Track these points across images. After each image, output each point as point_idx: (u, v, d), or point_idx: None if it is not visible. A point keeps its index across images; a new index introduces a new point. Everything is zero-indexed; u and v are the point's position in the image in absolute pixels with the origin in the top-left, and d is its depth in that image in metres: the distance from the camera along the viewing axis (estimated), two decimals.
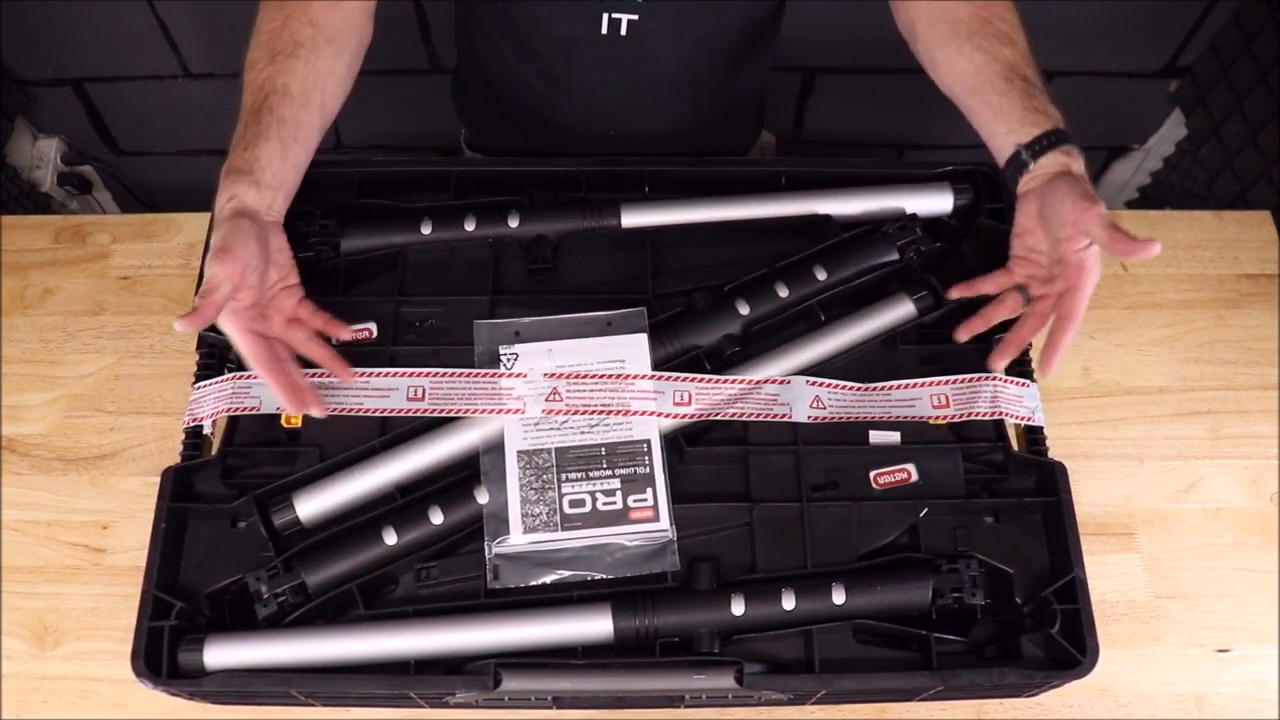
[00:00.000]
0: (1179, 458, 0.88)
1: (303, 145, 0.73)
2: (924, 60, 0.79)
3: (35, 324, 0.92)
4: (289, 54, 0.73)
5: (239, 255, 0.67)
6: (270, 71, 0.72)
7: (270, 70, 0.72)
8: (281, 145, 0.71)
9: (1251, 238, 0.98)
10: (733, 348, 0.77)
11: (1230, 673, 0.80)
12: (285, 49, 0.73)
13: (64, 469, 0.86)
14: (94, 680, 0.78)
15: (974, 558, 0.70)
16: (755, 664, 0.67)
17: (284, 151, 0.72)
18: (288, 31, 0.73)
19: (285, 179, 0.72)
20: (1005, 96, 0.72)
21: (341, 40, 0.76)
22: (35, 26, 1.24)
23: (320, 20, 0.74)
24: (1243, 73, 1.19)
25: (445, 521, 0.70)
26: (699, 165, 0.86)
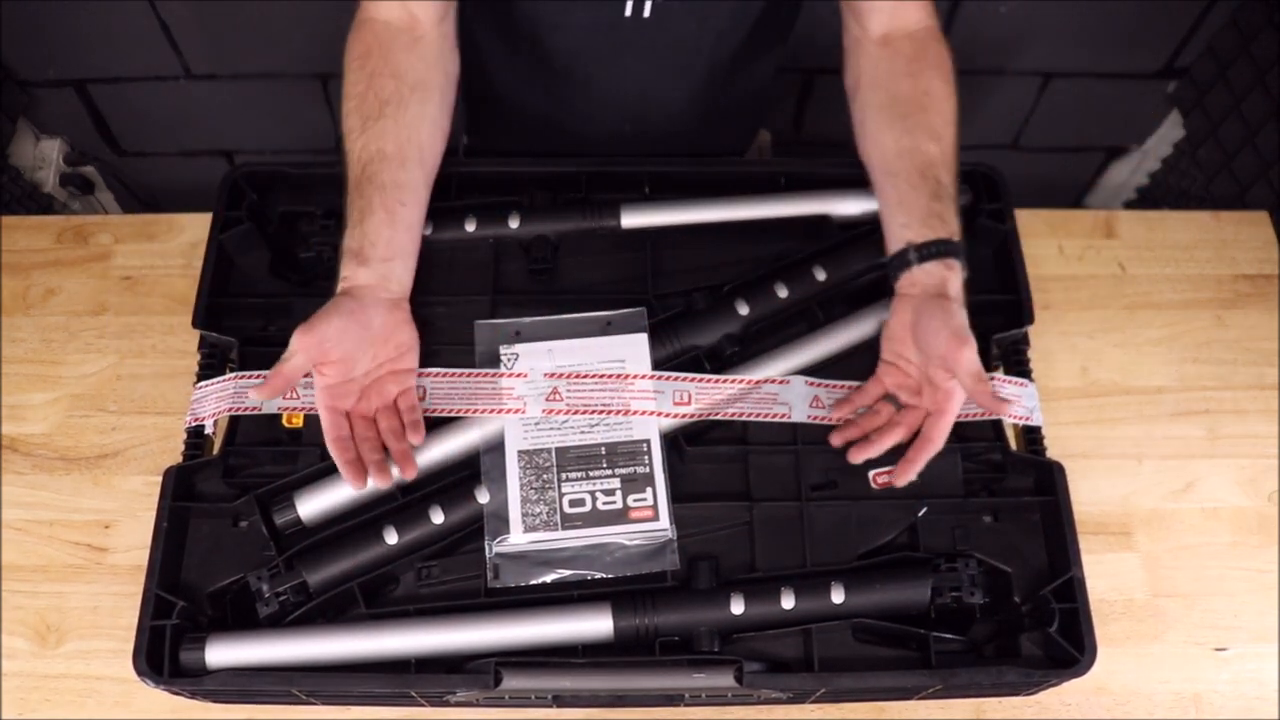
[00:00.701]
0: (1177, 457, 0.88)
1: (412, 206, 0.74)
2: (855, 120, 0.80)
3: (37, 324, 0.93)
4: (377, 116, 0.73)
5: (319, 331, 0.68)
6: (364, 140, 0.73)
7: (364, 139, 0.73)
8: (388, 214, 0.72)
9: (1249, 238, 0.98)
10: (732, 348, 0.77)
11: (1228, 671, 0.80)
12: (373, 112, 0.73)
13: (66, 468, 0.86)
14: (96, 679, 0.78)
15: (973, 557, 0.71)
16: (755, 663, 0.67)
17: (391, 220, 0.72)
18: (372, 93, 0.74)
19: (400, 247, 0.73)
20: (915, 190, 0.73)
21: (427, 83, 0.76)
22: (37, 27, 1.24)
23: (402, 70, 0.75)
24: (1241, 74, 1.19)
25: (446, 521, 0.71)
26: (699, 165, 0.86)
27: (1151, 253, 0.97)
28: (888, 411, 0.74)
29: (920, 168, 0.74)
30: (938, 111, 0.75)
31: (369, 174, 0.72)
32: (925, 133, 0.74)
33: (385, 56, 0.75)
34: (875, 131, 0.77)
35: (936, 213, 0.72)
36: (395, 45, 0.75)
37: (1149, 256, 0.97)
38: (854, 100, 0.80)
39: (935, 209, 0.72)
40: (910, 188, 0.74)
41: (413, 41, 0.76)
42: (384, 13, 0.75)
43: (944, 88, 0.76)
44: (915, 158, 0.74)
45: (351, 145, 0.73)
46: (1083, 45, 1.28)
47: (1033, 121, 1.40)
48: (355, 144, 0.73)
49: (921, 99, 0.75)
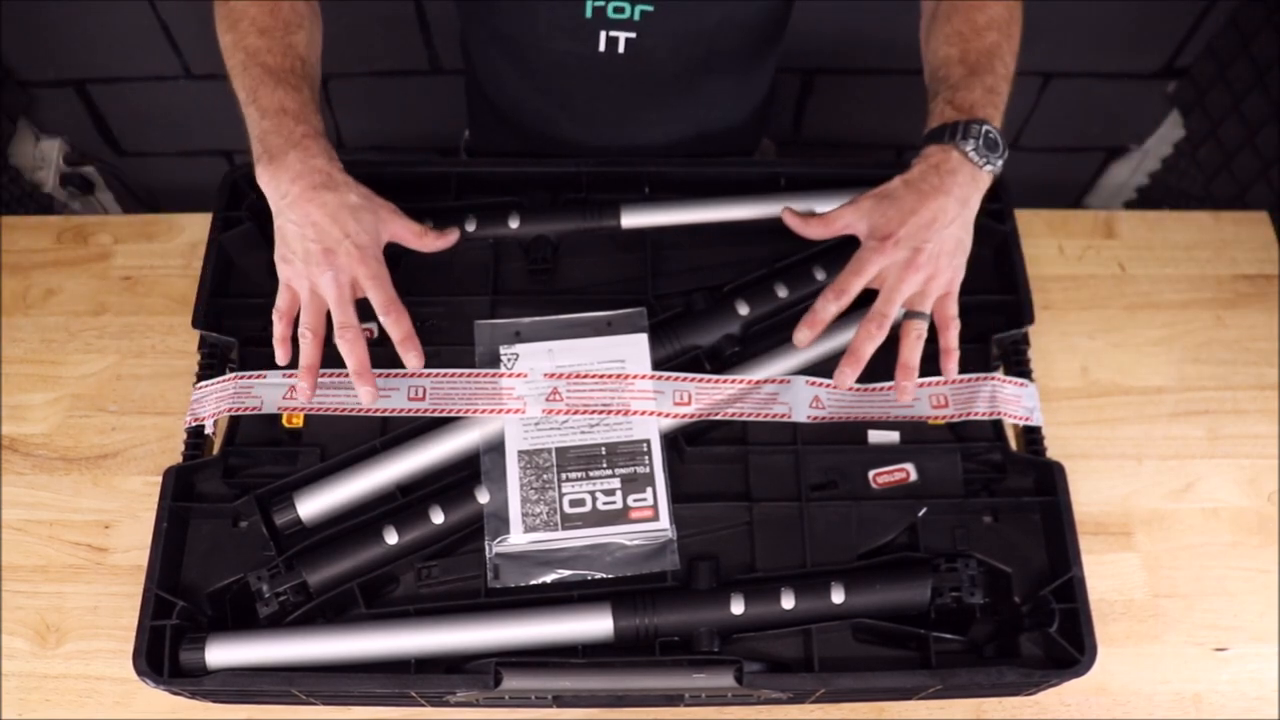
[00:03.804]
0: (1177, 457, 0.88)
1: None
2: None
3: (37, 324, 0.93)
4: (297, 26, 0.73)
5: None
6: (289, 41, 0.72)
7: (288, 40, 0.72)
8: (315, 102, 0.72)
9: (1249, 238, 0.98)
10: (732, 348, 0.77)
11: (1228, 672, 0.80)
12: (293, 21, 0.73)
13: (66, 468, 0.86)
14: (96, 679, 0.78)
15: (973, 557, 0.71)
16: (755, 663, 0.67)
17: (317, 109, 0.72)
18: (286, 5, 0.74)
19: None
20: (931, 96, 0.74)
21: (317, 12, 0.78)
22: (37, 28, 1.24)
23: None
24: (1240, 74, 1.19)
25: (446, 521, 0.71)
26: (699, 166, 0.86)
27: (1151, 253, 0.97)
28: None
29: (931, 75, 0.74)
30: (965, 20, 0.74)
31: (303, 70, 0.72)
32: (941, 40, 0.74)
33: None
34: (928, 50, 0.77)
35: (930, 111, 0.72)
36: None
37: (1149, 256, 0.97)
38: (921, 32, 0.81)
39: (930, 108, 0.72)
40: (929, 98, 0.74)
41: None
42: None
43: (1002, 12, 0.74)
44: (931, 67, 0.75)
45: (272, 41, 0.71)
46: (1083, 45, 1.28)
47: (1033, 121, 1.40)
48: (279, 40, 0.72)
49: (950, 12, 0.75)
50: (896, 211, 0.69)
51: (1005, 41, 0.74)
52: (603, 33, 0.81)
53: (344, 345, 0.67)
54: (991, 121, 0.70)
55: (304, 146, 0.68)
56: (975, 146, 0.68)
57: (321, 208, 0.67)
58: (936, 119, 0.71)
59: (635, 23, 0.79)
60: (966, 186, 0.69)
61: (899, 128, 1.44)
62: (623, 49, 0.81)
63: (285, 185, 0.67)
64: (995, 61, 0.72)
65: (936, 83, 0.74)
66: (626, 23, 0.80)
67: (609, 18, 0.79)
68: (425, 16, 1.26)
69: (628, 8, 0.78)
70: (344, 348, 0.67)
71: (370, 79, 1.34)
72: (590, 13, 0.79)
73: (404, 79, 1.35)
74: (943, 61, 0.74)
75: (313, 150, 0.68)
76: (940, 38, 0.75)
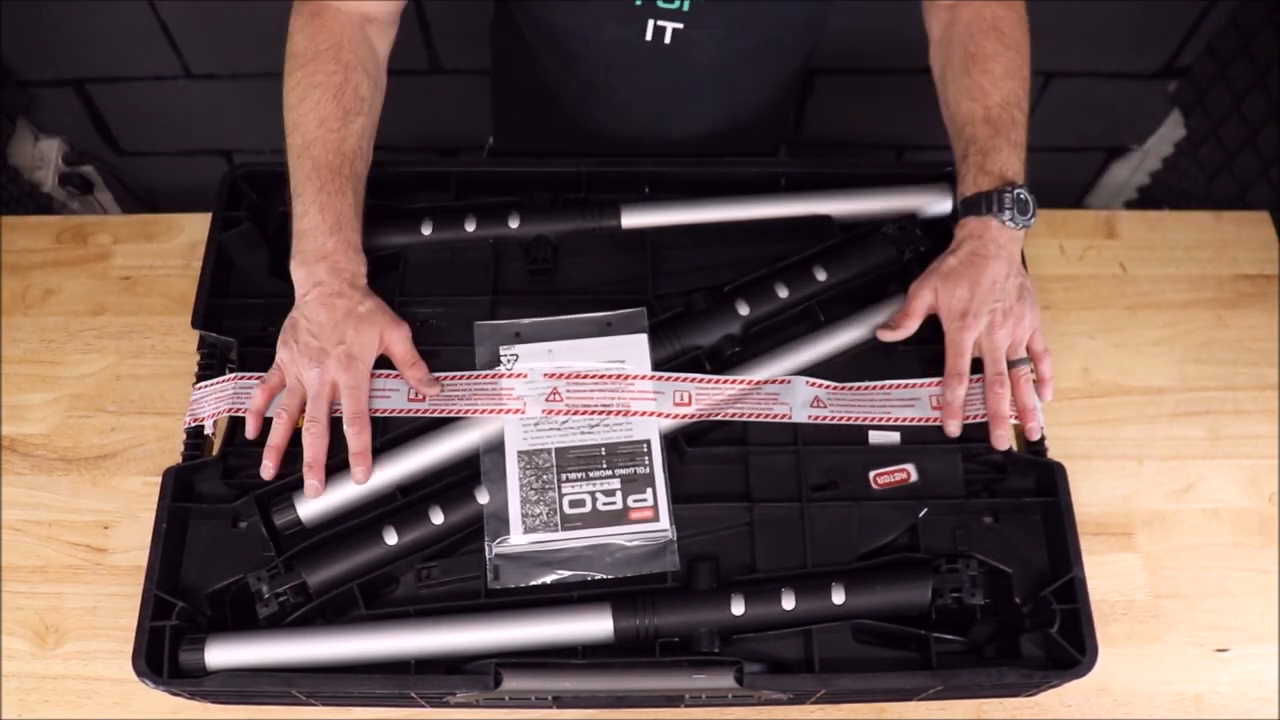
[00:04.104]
0: (1178, 458, 0.88)
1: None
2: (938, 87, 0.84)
3: (37, 324, 0.92)
4: (358, 112, 0.76)
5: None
6: (345, 133, 0.75)
7: (345, 132, 0.75)
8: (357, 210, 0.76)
9: (1250, 238, 0.98)
10: (733, 348, 0.77)
11: (1229, 672, 0.80)
12: (354, 108, 0.76)
13: (65, 469, 0.86)
14: (95, 680, 0.78)
15: (973, 557, 0.71)
16: (755, 664, 0.67)
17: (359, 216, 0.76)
18: (351, 86, 0.76)
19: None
20: (957, 155, 0.79)
21: (381, 89, 0.81)
22: (37, 27, 1.24)
23: (371, 71, 0.78)
24: (1240, 73, 1.19)
25: (446, 521, 0.71)
26: (698, 166, 0.86)
27: (1152, 253, 0.97)
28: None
29: (956, 129, 0.79)
30: (983, 71, 0.78)
31: (350, 171, 0.75)
32: (963, 94, 0.79)
33: (357, 52, 0.77)
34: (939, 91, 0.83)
35: (963, 174, 0.77)
36: (362, 44, 0.78)
37: (1150, 257, 0.97)
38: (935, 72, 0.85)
39: (963, 171, 0.77)
40: (956, 153, 0.79)
41: (371, 47, 0.79)
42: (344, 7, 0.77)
43: (994, 46, 0.79)
44: (956, 122, 0.79)
45: (328, 134, 0.74)
46: (1083, 45, 1.27)
47: (1033, 121, 1.40)
48: (334, 133, 0.74)
49: (966, 62, 0.79)
50: (961, 289, 0.75)
51: (1021, 86, 0.78)
52: (651, 21, 0.81)
53: (307, 436, 0.71)
54: (1020, 180, 0.76)
55: (333, 261, 0.73)
56: (1011, 215, 0.75)
57: (330, 312, 0.72)
58: (970, 187, 0.76)
59: (684, 13, 0.80)
60: (1009, 247, 0.75)
61: (899, 128, 1.44)
62: (669, 39, 0.81)
63: (308, 286, 0.73)
64: (1015, 112, 0.77)
65: (963, 141, 0.78)
66: (675, 13, 0.80)
67: (658, 6, 0.79)
68: (425, 16, 1.26)
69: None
70: (307, 439, 0.71)
71: None
72: (640, 1, 0.79)
73: (404, 79, 1.34)
74: (966, 119, 0.78)
75: (340, 265, 0.73)
76: (960, 91, 0.79)
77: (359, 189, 0.76)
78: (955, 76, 0.80)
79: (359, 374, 0.72)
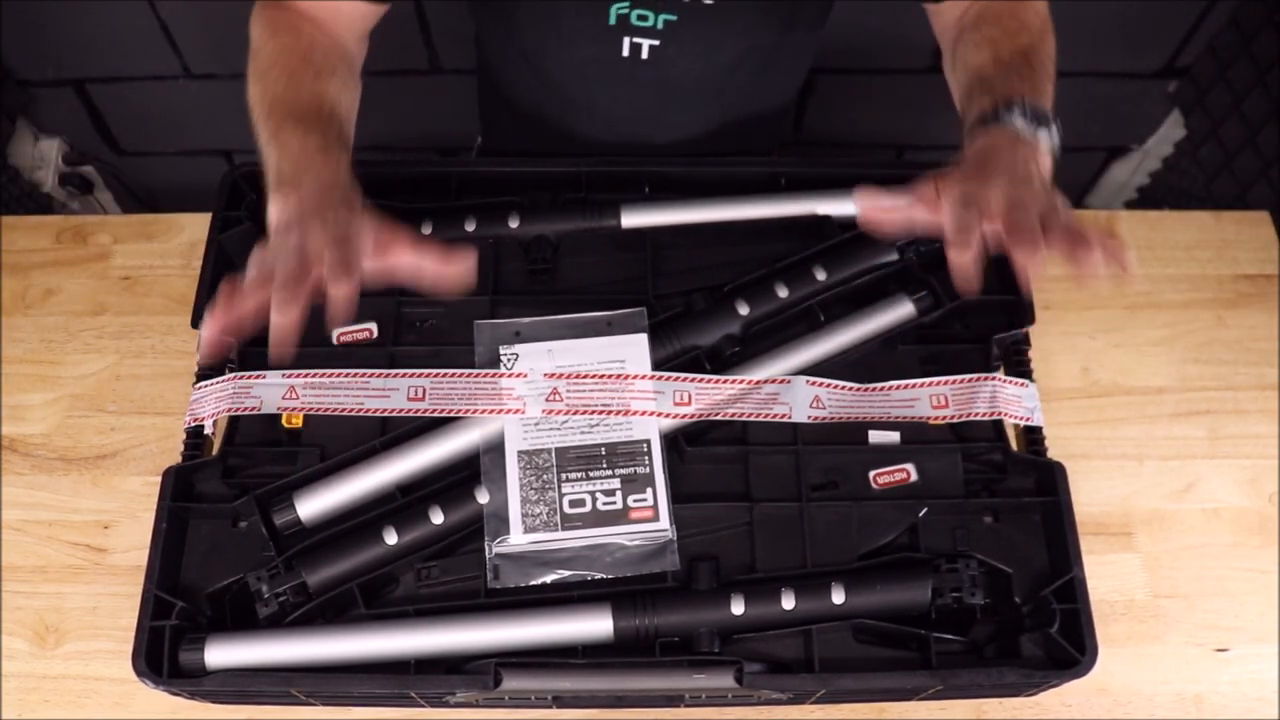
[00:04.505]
0: (1178, 458, 0.88)
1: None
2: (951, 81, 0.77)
3: (36, 324, 0.92)
4: (331, 71, 0.70)
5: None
6: (322, 85, 0.69)
7: (321, 84, 0.68)
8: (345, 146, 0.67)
9: (1250, 238, 0.98)
10: (732, 348, 0.77)
11: (1229, 672, 0.80)
12: (326, 66, 0.70)
13: (65, 469, 0.86)
14: (95, 680, 0.78)
15: (973, 557, 0.71)
16: (755, 663, 0.67)
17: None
18: (319, 52, 0.71)
19: None
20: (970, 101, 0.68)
21: (358, 77, 0.76)
22: (36, 27, 1.24)
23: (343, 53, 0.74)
24: (1241, 73, 1.19)
25: (445, 521, 0.70)
26: (698, 165, 0.86)
27: (1152, 253, 0.97)
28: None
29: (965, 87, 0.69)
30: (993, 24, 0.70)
31: (332, 114, 0.67)
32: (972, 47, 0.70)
33: (320, 33, 0.73)
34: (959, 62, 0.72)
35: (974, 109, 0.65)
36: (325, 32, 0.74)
37: (1150, 256, 0.97)
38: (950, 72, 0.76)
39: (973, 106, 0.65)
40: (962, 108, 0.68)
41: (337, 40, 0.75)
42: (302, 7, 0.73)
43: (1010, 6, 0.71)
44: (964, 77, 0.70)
45: (300, 86, 0.67)
46: (1083, 45, 1.27)
47: None
48: (308, 86, 0.67)
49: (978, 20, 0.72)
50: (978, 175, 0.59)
51: (1040, 44, 0.70)
52: (626, 39, 0.80)
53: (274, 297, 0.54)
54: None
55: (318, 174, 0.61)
56: (1024, 124, 0.62)
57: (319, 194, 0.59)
58: (975, 112, 0.65)
59: (659, 31, 0.79)
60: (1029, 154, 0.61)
61: (899, 128, 1.44)
62: (646, 55, 0.81)
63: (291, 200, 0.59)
64: (1032, 58, 0.68)
65: (971, 90, 0.68)
66: (650, 30, 0.79)
67: (633, 25, 0.78)
68: (425, 16, 1.26)
69: (651, 16, 0.78)
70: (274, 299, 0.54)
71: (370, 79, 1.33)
72: (614, 19, 0.78)
73: (404, 79, 1.35)
74: (975, 69, 0.69)
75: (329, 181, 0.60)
76: (970, 45, 0.71)
77: (346, 133, 0.67)
78: (966, 35, 0.72)
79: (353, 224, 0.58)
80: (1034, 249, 0.57)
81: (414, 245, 0.59)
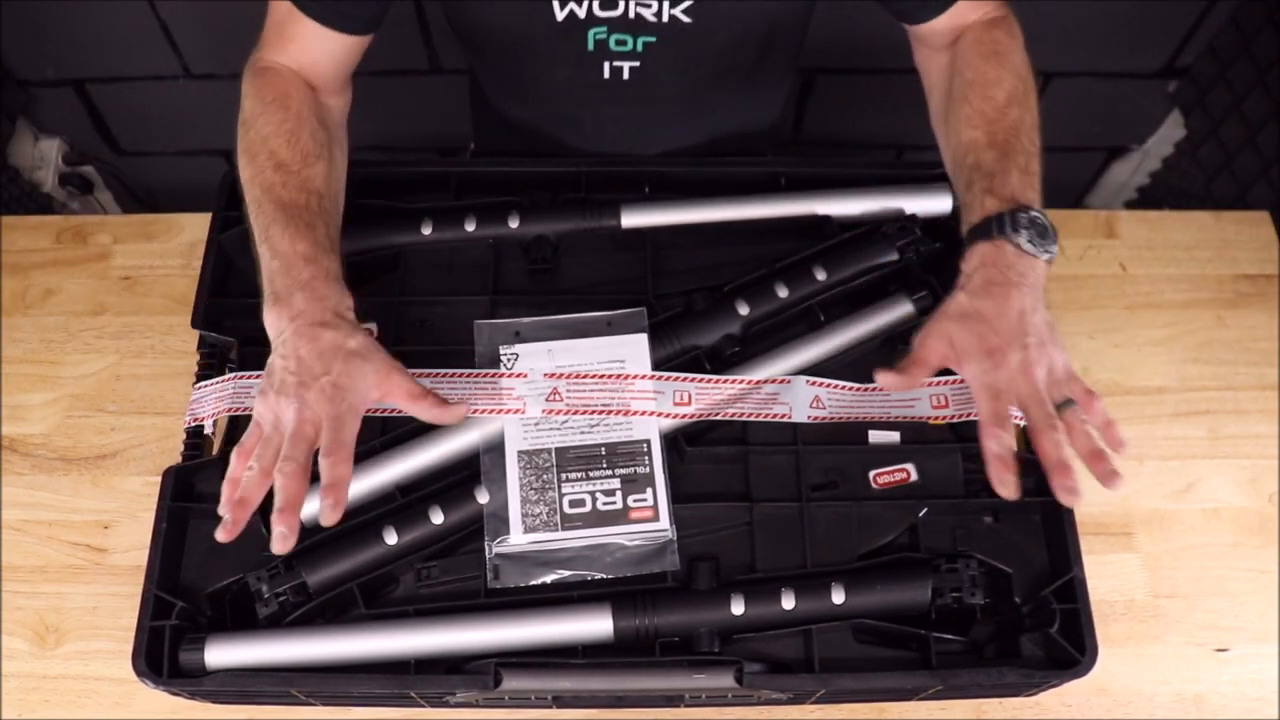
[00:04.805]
0: (1178, 458, 0.88)
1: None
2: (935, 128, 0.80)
3: (36, 324, 0.92)
4: (316, 157, 0.71)
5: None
6: (306, 175, 0.70)
7: (306, 174, 0.70)
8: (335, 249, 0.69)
9: (1250, 238, 0.98)
10: (732, 348, 0.77)
11: (1229, 672, 0.80)
12: (311, 152, 0.71)
13: (65, 469, 0.86)
14: (95, 680, 0.78)
15: (973, 557, 0.71)
16: (755, 663, 0.67)
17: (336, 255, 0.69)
18: (307, 133, 0.72)
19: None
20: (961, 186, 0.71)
21: (341, 141, 0.77)
22: (36, 27, 1.24)
23: (327, 122, 0.75)
24: (1241, 73, 1.19)
25: (445, 521, 0.70)
26: (699, 165, 0.86)
27: (1152, 253, 0.97)
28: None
29: (958, 160, 0.72)
30: (985, 98, 0.71)
31: (319, 207, 0.69)
32: (963, 122, 0.72)
33: (306, 102, 0.74)
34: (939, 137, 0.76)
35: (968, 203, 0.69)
36: (310, 97, 0.75)
37: (1150, 256, 0.97)
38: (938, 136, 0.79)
39: (967, 200, 0.69)
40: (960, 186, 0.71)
41: (320, 103, 0.76)
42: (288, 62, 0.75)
43: (997, 71, 0.72)
44: (958, 154, 0.72)
45: (287, 176, 0.69)
46: (1083, 45, 1.27)
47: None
48: (295, 174, 0.69)
49: (965, 90, 0.73)
50: (981, 325, 0.64)
51: (1028, 114, 0.71)
52: (606, 63, 0.81)
53: (279, 478, 0.60)
54: (1035, 206, 0.67)
55: (311, 288, 0.65)
56: (1029, 238, 0.65)
57: (313, 344, 0.63)
58: (978, 212, 0.67)
59: (638, 53, 0.79)
60: (1030, 275, 0.65)
61: (899, 128, 1.44)
62: (627, 76, 0.81)
63: (285, 323, 0.64)
64: (1023, 139, 0.70)
65: (966, 170, 0.71)
66: (629, 54, 0.79)
67: (611, 49, 0.79)
68: (425, 16, 1.26)
69: (630, 40, 0.78)
70: (279, 480, 0.60)
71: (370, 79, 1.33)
72: (593, 45, 0.79)
73: (404, 79, 1.34)
74: (969, 147, 0.71)
75: (320, 292, 0.65)
76: (961, 120, 0.72)
77: (332, 226, 0.70)
78: (955, 106, 0.73)
79: (344, 406, 0.62)
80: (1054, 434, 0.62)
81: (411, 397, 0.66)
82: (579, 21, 0.77)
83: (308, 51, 0.75)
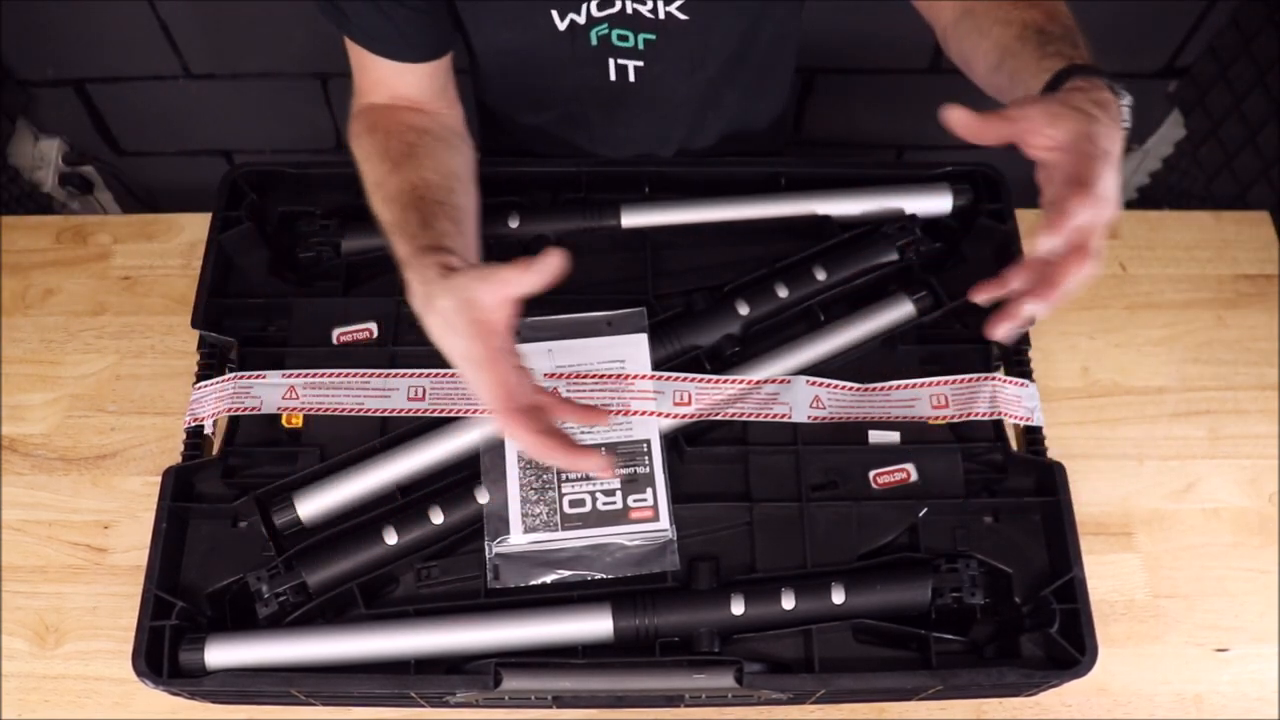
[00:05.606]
0: (1178, 458, 0.88)
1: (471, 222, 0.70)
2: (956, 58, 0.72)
3: (37, 324, 0.92)
4: (408, 155, 0.71)
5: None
6: (401, 176, 0.69)
7: (400, 176, 0.69)
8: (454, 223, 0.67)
9: (1250, 238, 0.98)
10: (733, 348, 0.77)
11: (1229, 672, 0.80)
12: (402, 154, 0.71)
13: (65, 469, 0.86)
14: (95, 680, 0.78)
15: (973, 557, 0.71)
16: (755, 663, 0.67)
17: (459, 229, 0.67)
18: (395, 141, 0.72)
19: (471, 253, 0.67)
20: (1018, 58, 0.63)
21: (452, 134, 0.77)
22: (36, 27, 1.24)
23: (419, 126, 0.75)
24: (1241, 73, 1.19)
25: (445, 521, 0.71)
26: (699, 165, 0.86)
27: (1152, 253, 0.97)
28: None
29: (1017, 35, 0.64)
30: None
31: (420, 194, 0.68)
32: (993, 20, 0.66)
33: (395, 118, 0.75)
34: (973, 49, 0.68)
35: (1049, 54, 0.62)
36: (403, 112, 0.76)
37: (1150, 256, 0.97)
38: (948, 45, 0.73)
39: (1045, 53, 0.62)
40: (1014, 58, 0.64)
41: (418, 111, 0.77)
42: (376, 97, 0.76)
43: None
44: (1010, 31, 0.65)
45: (386, 187, 0.69)
46: None
47: None
48: (390, 182, 0.69)
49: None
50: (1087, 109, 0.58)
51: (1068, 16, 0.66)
52: (611, 61, 0.81)
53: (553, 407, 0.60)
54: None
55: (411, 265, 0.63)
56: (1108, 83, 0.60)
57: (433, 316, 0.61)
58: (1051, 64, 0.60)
59: (640, 51, 0.79)
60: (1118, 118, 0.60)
61: (899, 128, 1.44)
62: (633, 77, 0.81)
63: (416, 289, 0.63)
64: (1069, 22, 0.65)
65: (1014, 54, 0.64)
66: (632, 51, 0.79)
67: (615, 45, 0.79)
68: None
69: (631, 35, 0.78)
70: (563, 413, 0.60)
71: None
72: (595, 41, 0.78)
73: None
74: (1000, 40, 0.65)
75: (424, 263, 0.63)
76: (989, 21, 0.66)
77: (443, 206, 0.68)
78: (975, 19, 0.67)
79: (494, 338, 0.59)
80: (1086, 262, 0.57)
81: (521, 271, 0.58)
82: (580, 27, 0.77)
83: (394, 88, 0.77)
